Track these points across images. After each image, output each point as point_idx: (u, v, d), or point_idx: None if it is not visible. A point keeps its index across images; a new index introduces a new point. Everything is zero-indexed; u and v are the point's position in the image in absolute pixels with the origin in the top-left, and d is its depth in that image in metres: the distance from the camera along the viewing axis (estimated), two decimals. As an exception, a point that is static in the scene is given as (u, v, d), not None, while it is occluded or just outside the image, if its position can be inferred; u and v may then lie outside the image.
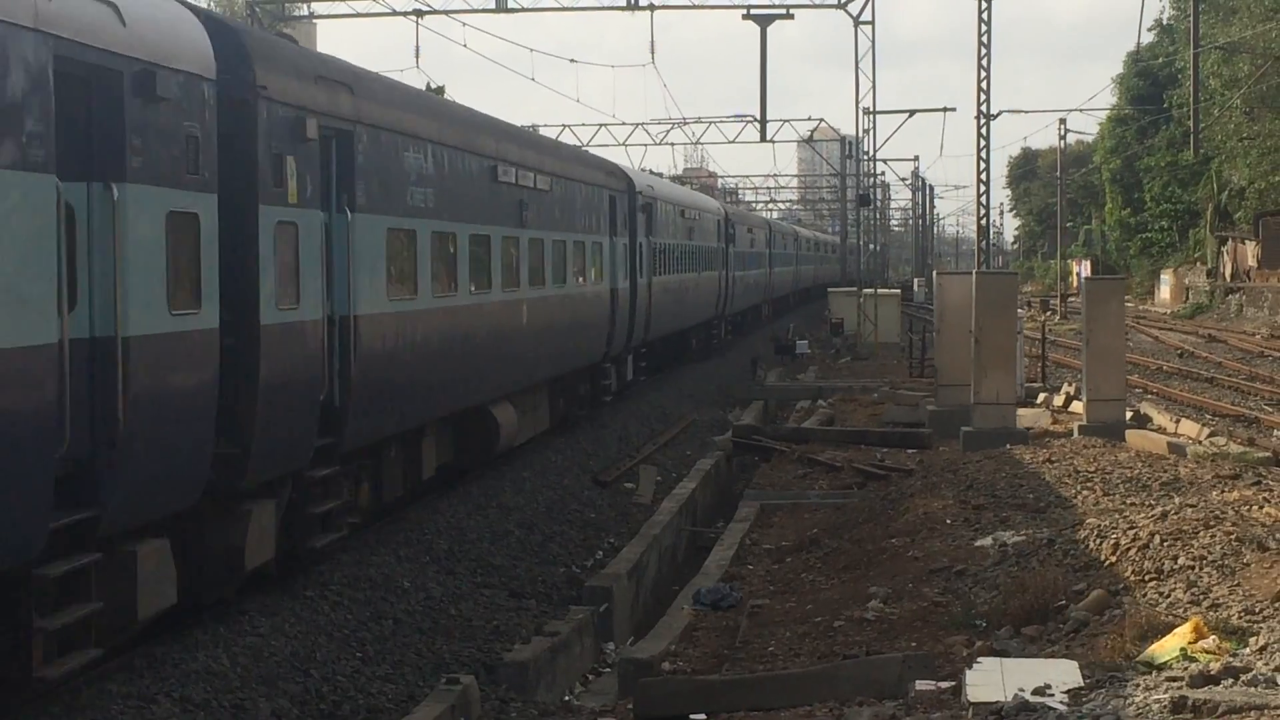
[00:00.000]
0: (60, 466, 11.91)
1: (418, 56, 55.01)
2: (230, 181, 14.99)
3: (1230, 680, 10.57)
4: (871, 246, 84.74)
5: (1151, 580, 15.30)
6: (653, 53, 56.19)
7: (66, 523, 12.10)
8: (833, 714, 11.53)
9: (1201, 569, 15.18)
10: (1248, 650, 11.90)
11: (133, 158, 12.85)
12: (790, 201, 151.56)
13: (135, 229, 12.89)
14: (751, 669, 15.07)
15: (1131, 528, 16.94)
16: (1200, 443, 27.86)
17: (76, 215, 12.28)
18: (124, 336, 12.65)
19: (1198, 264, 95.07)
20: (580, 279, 32.34)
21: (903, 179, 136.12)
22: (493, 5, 47.22)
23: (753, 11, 49.01)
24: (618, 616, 19.83)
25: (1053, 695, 10.97)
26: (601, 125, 71.76)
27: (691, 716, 12.60)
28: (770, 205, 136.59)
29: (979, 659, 12.81)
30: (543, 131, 66.45)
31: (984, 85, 43.62)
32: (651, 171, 61.83)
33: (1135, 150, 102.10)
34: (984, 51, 43.33)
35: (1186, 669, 11.19)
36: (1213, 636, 12.31)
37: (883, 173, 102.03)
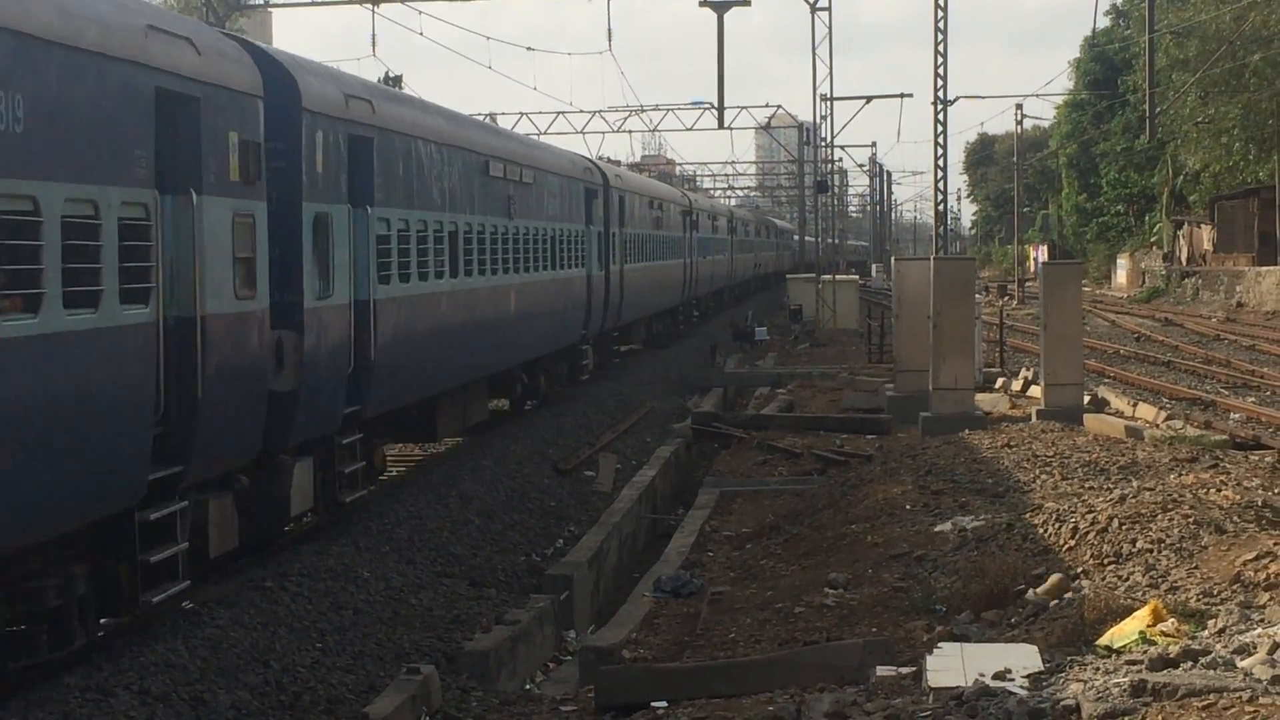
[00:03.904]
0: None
1: (374, 45, 54.82)
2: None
3: (1189, 663, 10.61)
4: (831, 240, 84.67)
5: (1110, 564, 15.37)
6: (610, 40, 56.07)
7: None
8: (794, 700, 11.52)
9: (1160, 552, 15.24)
10: (1206, 633, 11.95)
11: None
12: (748, 188, 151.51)
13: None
14: (713, 656, 15.08)
15: (1090, 512, 17.00)
16: (1158, 426, 27.98)
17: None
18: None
19: (1154, 248, 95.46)
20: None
21: (860, 165, 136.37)
22: (449, -7, 47.03)
23: (710, -2, 48.92)
24: (578, 605, 19.83)
25: (1013, 680, 11.00)
26: (559, 113, 71.70)
27: (653, 704, 12.59)
28: (729, 192, 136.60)
29: (939, 644, 12.83)
30: (500, 120, 66.27)
31: (941, 71, 43.66)
32: (610, 160, 61.85)
33: (1091, 135, 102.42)
34: (941, 38, 43.37)
35: (1146, 652, 11.23)
36: (1171, 619, 12.36)
37: (840, 159, 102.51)
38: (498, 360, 28.64)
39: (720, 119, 58.74)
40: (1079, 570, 15.35)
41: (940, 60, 43.57)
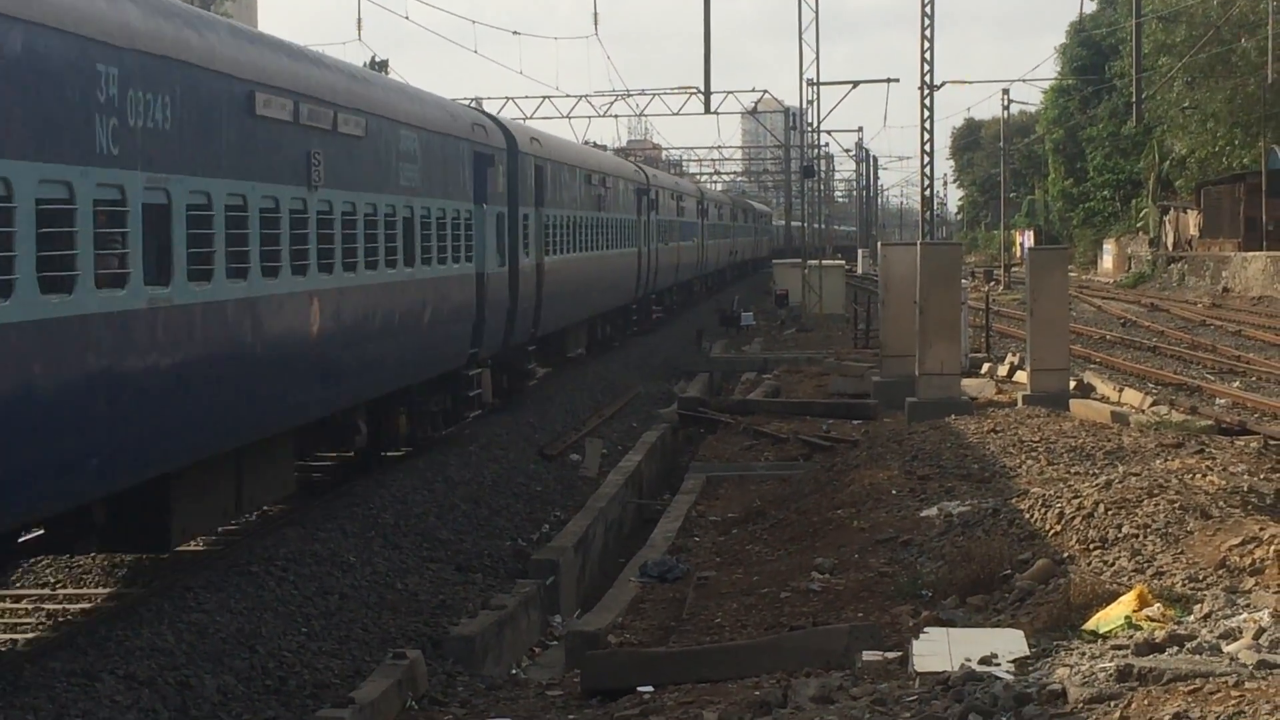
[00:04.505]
0: None
1: (359, 29, 54.59)
2: None
3: (1175, 648, 10.63)
4: (818, 225, 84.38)
5: (1096, 549, 15.38)
6: (596, 25, 56.15)
7: None
8: (780, 685, 11.53)
9: (1145, 537, 15.26)
10: (1192, 618, 11.97)
11: None
12: (735, 173, 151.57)
13: None
14: (698, 641, 15.08)
15: (1076, 497, 17.01)
16: (1143, 411, 28.02)
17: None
18: None
19: (1140, 233, 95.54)
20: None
21: (847, 150, 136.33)
22: (435, -23, 46.93)
23: (696, -17, 48.91)
24: (564, 589, 19.82)
25: (999, 665, 11.02)
26: (545, 98, 71.44)
27: (639, 689, 12.60)
28: (715, 177, 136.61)
29: (925, 629, 12.85)
30: (486, 105, 65.04)
31: (928, 56, 43.63)
32: (595, 144, 61.04)
33: (1078, 120, 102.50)
34: (928, 23, 43.34)
35: (1131, 637, 11.24)
36: (1157, 605, 12.37)
37: (827, 144, 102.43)
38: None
39: (706, 104, 58.77)
40: (1065, 555, 15.37)
41: (927, 45, 43.54)
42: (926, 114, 44.46)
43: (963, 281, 34.03)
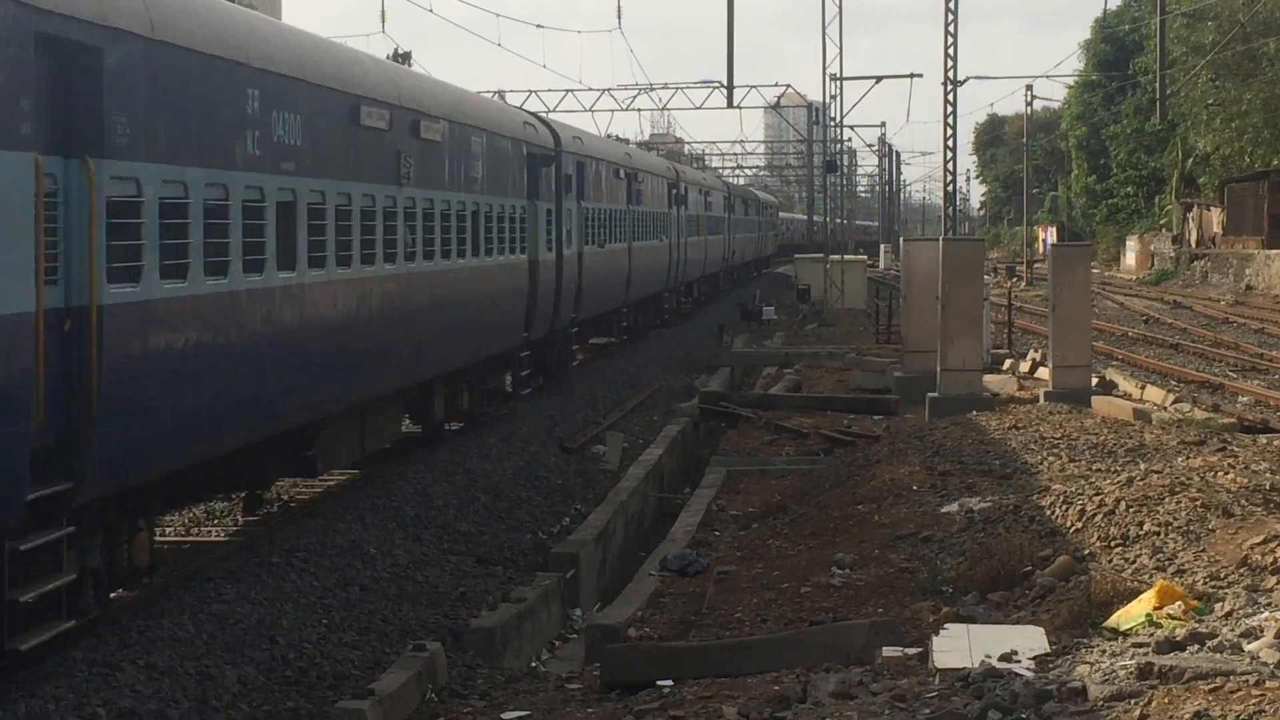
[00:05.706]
0: None
1: (384, 21, 54.52)
2: None
3: (1196, 646, 10.60)
4: (840, 220, 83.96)
5: (1117, 546, 15.35)
6: (619, 18, 56.10)
7: None
8: (800, 680, 11.52)
9: (1167, 535, 15.23)
10: (1213, 616, 11.95)
11: None
12: (757, 168, 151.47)
13: None
14: (718, 635, 15.07)
15: (1097, 494, 16.98)
16: (1165, 409, 27.98)
17: None
18: None
19: (1163, 230, 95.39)
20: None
21: (869, 145, 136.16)
22: (459, -30, 46.94)
23: (720, -23, 48.85)
24: (584, 583, 19.83)
25: (1019, 661, 11.00)
26: (568, 91, 71.34)
27: (658, 683, 12.60)
28: (737, 171, 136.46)
29: (946, 625, 12.84)
30: (509, 98, 64.50)
31: (951, 51, 43.57)
32: (617, 138, 60.29)
33: (1102, 117, 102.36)
34: (951, 18, 43.28)
35: (1152, 635, 11.22)
36: (1178, 602, 12.35)
37: (849, 139, 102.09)
38: None
39: (729, 98, 58.73)
40: (1086, 552, 15.34)
41: (951, 40, 43.49)
42: (949, 109, 44.40)
43: (985, 277, 33.98)
